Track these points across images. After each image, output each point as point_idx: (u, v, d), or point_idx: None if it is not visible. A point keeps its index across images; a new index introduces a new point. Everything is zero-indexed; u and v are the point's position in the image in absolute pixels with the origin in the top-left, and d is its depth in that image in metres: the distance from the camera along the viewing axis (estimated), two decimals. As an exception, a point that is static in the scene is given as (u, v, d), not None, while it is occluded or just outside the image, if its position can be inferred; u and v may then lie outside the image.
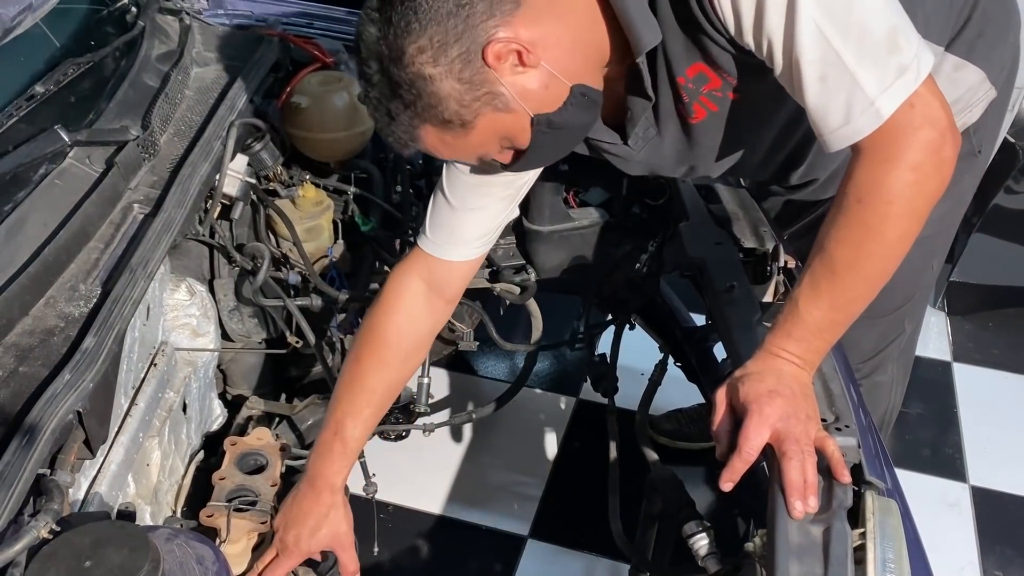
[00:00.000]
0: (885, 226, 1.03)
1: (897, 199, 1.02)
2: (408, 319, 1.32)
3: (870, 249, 1.05)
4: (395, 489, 2.17)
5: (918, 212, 1.04)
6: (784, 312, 1.12)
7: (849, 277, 1.07)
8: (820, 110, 1.02)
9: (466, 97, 1.01)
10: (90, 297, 1.11)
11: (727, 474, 1.06)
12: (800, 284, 1.11)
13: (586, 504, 2.10)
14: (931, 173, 1.02)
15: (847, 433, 1.12)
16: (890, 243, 1.05)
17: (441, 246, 1.29)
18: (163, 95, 1.46)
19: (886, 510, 1.06)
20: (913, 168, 1.01)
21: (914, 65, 1.00)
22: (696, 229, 1.58)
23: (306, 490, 1.31)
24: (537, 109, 1.04)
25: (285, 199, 1.70)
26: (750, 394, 1.08)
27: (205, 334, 1.57)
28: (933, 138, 1.01)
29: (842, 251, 1.06)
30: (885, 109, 0.99)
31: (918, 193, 1.02)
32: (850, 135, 1.02)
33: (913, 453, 2.36)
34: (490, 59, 0.99)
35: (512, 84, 1.01)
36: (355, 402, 1.32)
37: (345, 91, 1.72)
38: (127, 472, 1.29)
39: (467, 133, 1.04)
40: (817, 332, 1.10)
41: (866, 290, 1.08)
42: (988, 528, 2.16)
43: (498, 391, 2.11)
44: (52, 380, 0.96)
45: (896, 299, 1.61)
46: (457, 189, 1.26)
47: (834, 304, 1.08)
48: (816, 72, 1.00)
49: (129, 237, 1.22)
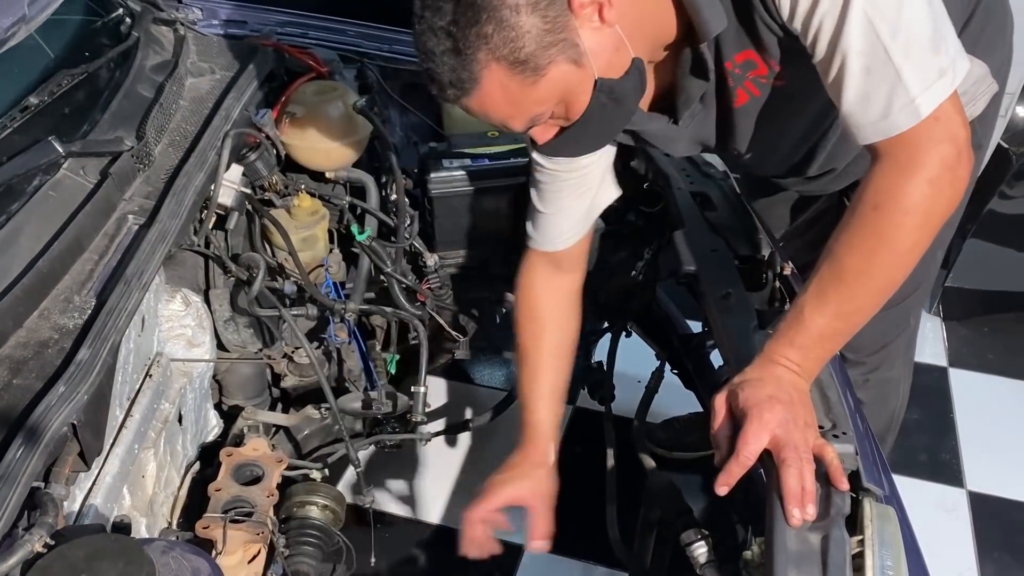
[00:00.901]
0: (898, 236, 1.04)
1: (913, 209, 1.03)
2: (546, 293, 1.47)
3: (882, 258, 1.05)
4: (391, 498, 2.16)
5: (931, 225, 1.05)
6: (787, 318, 1.12)
7: (857, 285, 1.07)
8: (860, 101, 1.03)
9: (546, 38, 0.98)
10: (84, 308, 1.10)
11: (723, 478, 1.06)
12: (806, 290, 1.11)
13: (584, 512, 2.08)
14: (946, 188, 1.03)
15: (844, 440, 1.12)
16: (901, 253, 1.05)
17: (549, 243, 1.42)
18: (158, 105, 1.46)
19: (884, 517, 1.06)
20: (930, 181, 1.02)
21: (951, 69, 1.02)
22: (692, 236, 1.58)
23: (518, 453, 1.49)
24: (602, 72, 1.04)
25: (280, 209, 1.70)
26: (750, 400, 1.08)
27: (201, 344, 1.57)
28: (951, 154, 1.02)
29: (853, 258, 1.06)
30: (924, 108, 1.01)
31: (933, 206, 1.04)
32: (887, 129, 1.03)
33: (910, 459, 2.36)
34: (575, 4, 0.98)
35: (588, 38, 1.01)
36: (538, 385, 1.47)
37: (340, 100, 1.72)
38: (122, 484, 1.28)
39: (535, 82, 1.00)
40: (819, 340, 1.10)
41: (872, 300, 1.09)
42: (986, 533, 2.16)
43: (495, 399, 2.10)
44: (46, 392, 0.95)
45: (905, 288, 1.62)
46: (543, 198, 1.39)
47: (839, 312, 1.09)
48: (862, 63, 1.01)
49: (124, 248, 1.21)
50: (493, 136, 1.86)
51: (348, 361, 1.89)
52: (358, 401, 1.78)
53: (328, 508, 1.57)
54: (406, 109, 2.06)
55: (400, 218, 1.76)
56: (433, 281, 1.82)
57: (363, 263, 1.75)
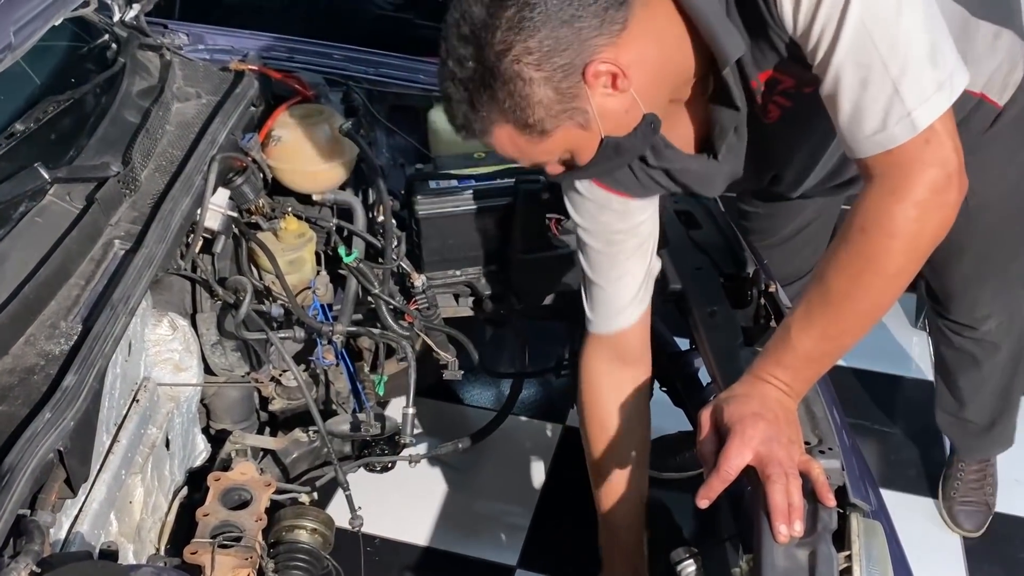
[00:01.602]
0: (885, 259, 1.04)
1: (899, 233, 1.03)
2: (614, 396, 1.46)
3: (868, 281, 1.06)
4: (381, 521, 2.15)
5: (918, 250, 1.05)
6: (775, 338, 1.13)
7: (844, 307, 1.07)
8: (856, 114, 1.03)
9: (555, 107, 1.02)
10: (71, 335, 1.10)
11: (704, 491, 1.06)
12: (794, 311, 1.12)
13: (575, 532, 2.08)
14: (933, 213, 1.03)
15: (831, 456, 1.13)
16: (888, 277, 1.05)
17: (609, 321, 1.40)
18: (144, 131, 1.46)
19: (871, 532, 1.06)
20: (917, 204, 1.02)
21: (948, 83, 1.01)
22: (677, 255, 1.59)
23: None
24: (610, 131, 1.07)
25: (267, 232, 1.71)
26: (734, 415, 1.08)
27: (188, 368, 1.56)
28: (939, 178, 1.02)
29: (840, 280, 1.07)
30: (921, 121, 1.00)
31: (920, 230, 1.04)
32: (884, 142, 1.02)
33: (899, 473, 2.37)
34: (588, 76, 1.01)
35: (599, 105, 1.03)
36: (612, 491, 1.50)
37: (326, 124, 1.73)
38: (109, 510, 1.27)
39: (541, 141, 1.05)
40: (807, 361, 1.11)
41: (858, 323, 1.09)
42: (976, 546, 2.16)
43: (484, 419, 2.10)
44: (32, 419, 0.95)
45: None
46: (598, 268, 1.37)
47: (826, 334, 1.09)
48: (859, 76, 1.01)
49: (110, 273, 1.21)
50: (479, 157, 1.87)
51: (336, 383, 1.89)
52: (346, 423, 1.78)
53: (317, 532, 1.56)
54: (392, 131, 2.07)
55: (387, 239, 1.76)
56: (421, 301, 1.82)
57: (350, 285, 1.76)
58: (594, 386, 1.47)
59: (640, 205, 1.34)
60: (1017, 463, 2.32)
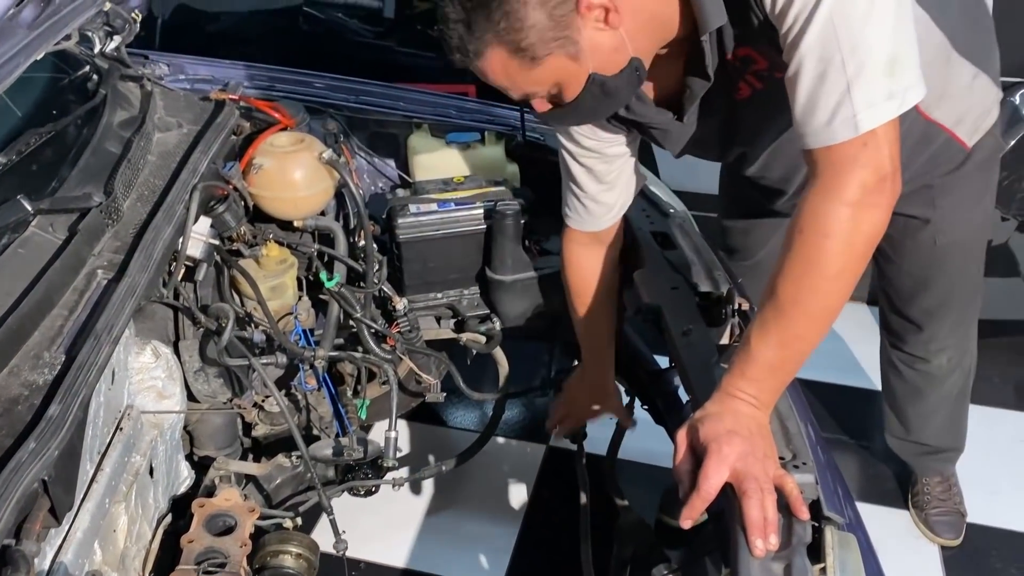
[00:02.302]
0: (823, 260, 1.08)
1: (833, 233, 1.07)
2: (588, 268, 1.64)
3: (811, 283, 1.09)
4: (366, 545, 2.15)
5: (855, 250, 1.08)
6: (738, 353, 1.16)
7: (794, 313, 1.10)
8: (809, 104, 1.07)
9: (548, 33, 1.07)
10: (54, 365, 1.11)
11: (686, 512, 1.09)
12: (752, 324, 1.15)
13: (559, 552, 2.10)
14: (864, 213, 1.07)
15: (804, 470, 1.15)
16: (829, 278, 1.08)
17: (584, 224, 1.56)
18: (126, 161, 1.48)
19: (845, 544, 1.08)
20: (849, 204, 1.06)
21: (901, 94, 1.06)
22: (653, 275, 1.62)
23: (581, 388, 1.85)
24: (597, 68, 1.11)
25: (249, 258, 1.72)
26: (709, 434, 1.11)
27: (171, 396, 1.57)
28: (871, 180, 1.06)
29: (785, 287, 1.10)
30: (864, 124, 1.05)
31: (853, 230, 1.07)
32: (827, 138, 1.07)
33: (876, 486, 2.40)
34: (582, 7, 1.06)
35: (589, 38, 1.09)
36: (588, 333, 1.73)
37: (307, 151, 1.75)
38: (93, 539, 1.27)
39: (532, 68, 1.10)
40: (769, 371, 1.13)
41: (811, 327, 1.12)
42: (954, 556, 2.20)
43: (467, 441, 2.11)
44: (17, 449, 0.96)
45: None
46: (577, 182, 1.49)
47: (782, 341, 1.12)
48: (819, 69, 1.05)
49: (93, 303, 1.22)
50: (459, 181, 1.90)
51: (318, 408, 1.90)
52: (329, 448, 1.79)
53: (302, 557, 1.57)
54: (372, 157, 2.10)
55: (368, 264, 1.78)
56: (403, 325, 1.84)
57: (332, 309, 1.77)
58: (572, 263, 1.64)
59: (610, 139, 1.43)
60: (992, 475, 2.36)
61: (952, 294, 1.87)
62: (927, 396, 2.07)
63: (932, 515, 2.23)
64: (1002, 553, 2.20)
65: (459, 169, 1.97)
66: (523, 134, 2.00)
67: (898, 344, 2.02)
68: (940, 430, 2.15)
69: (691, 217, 1.82)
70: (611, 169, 1.48)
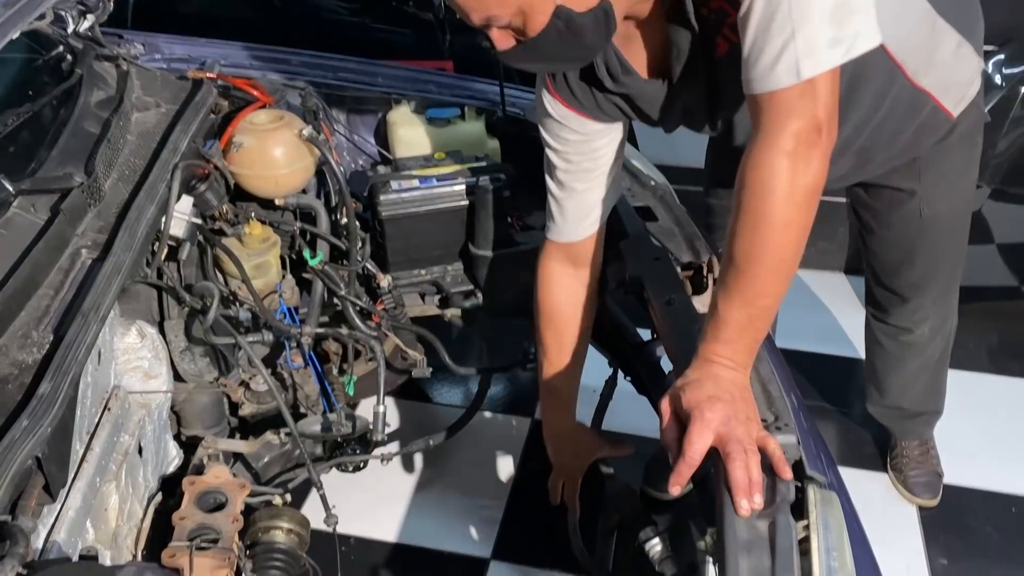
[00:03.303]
0: (768, 212, 1.09)
1: (772, 183, 1.08)
2: (564, 291, 1.57)
3: (761, 236, 1.10)
4: (355, 521, 2.17)
5: (796, 200, 1.09)
6: (709, 317, 1.18)
7: (750, 270, 1.12)
8: (755, 49, 1.08)
9: None
10: (43, 344, 1.11)
11: (674, 478, 1.11)
12: (716, 288, 1.17)
13: (546, 522, 2.12)
14: (800, 164, 1.08)
15: (787, 432, 1.17)
16: (777, 229, 1.10)
17: (564, 233, 1.50)
18: (105, 141, 1.47)
19: (827, 502, 1.11)
20: (785, 154, 1.07)
21: (846, 42, 1.06)
22: (635, 246, 1.64)
23: (553, 442, 1.76)
24: (565, 1, 1.09)
25: (232, 237, 1.72)
26: (692, 401, 1.12)
27: (157, 376, 1.58)
28: (805, 130, 1.07)
29: (739, 244, 1.12)
30: (805, 71, 1.05)
31: (792, 179, 1.08)
32: (769, 84, 1.08)
33: (856, 451, 2.45)
34: None
35: None
36: (553, 367, 1.63)
37: (286, 128, 1.75)
38: (85, 518, 1.28)
39: None
40: (739, 331, 1.15)
41: (769, 281, 1.13)
42: (931, 517, 2.25)
43: (453, 417, 2.13)
44: (10, 427, 0.96)
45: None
46: (559, 184, 1.45)
47: (745, 300, 1.14)
48: (767, 12, 1.06)
49: (79, 282, 1.22)
50: (440, 158, 1.90)
51: (305, 387, 1.91)
52: (318, 424, 1.80)
53: (293, 532, 1.58)
54: (352, 134, 2.09)
55: (351, 241, 1.78)
56: (387, 302, 1.85)
57: (316, 287, 1.78)
58: (547, 283, 1.58)
59: (599, 130, 1.40)
60: (968, 438, 2.41)
61: (937, 266, 1.89)
62: (908, 364, 2.11)
63: (910, 477, 2.28)
64: (978, 513, 2.25)
65: (440, 145, 1.97)
66: (503, 109, 2.00)
67: (882, 316, 2.05)
68: (920, 395, 2.19)
69: (672, 189, 1.84)
70: (595, 167, 1.45)
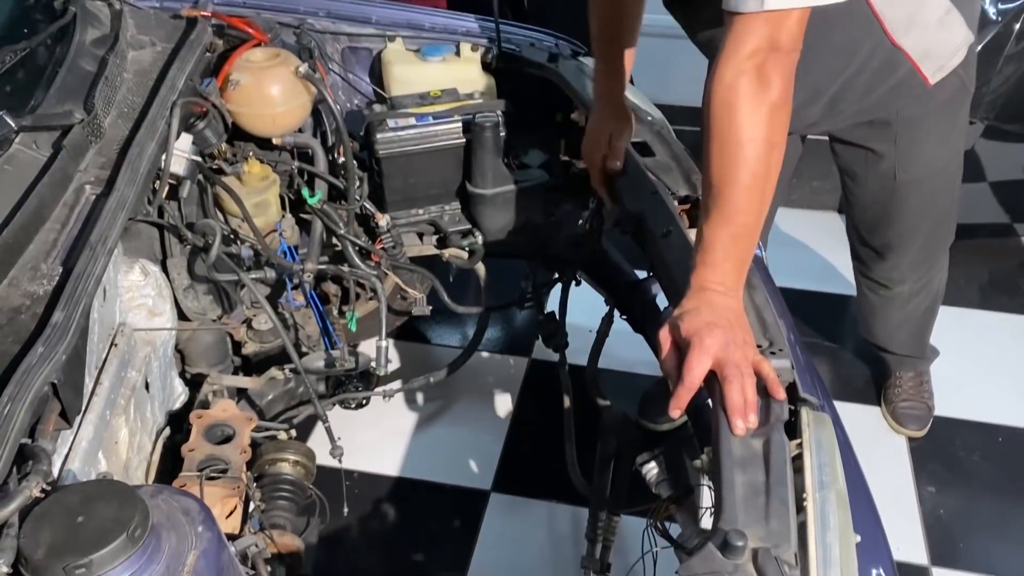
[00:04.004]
0: (731, 128, 1.12)
1: (733, 100, 1.12)
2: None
3: (730, 155, 1.13)
4: (359, 457, 2.22)
5: (758, 116, 1.12)
6: (696, 246, 1.21)
7: (726, 189, 1.15)
8: None
9: None
10: (52, 276, 1.13)
11: (674, 403, 1.14)
12: (700, 214, 1.21)
13: (544, 455, 2.17)
14: (759, 79, 1.11)
15: (781, 356, 1.21)
16: (743, 145, 1.13)
17: None
18: (103, 79, 1.47)
19: (820, 422, 1.14)
20: (744, 72, 1.11)
21: None
22: (632, 182, 1.65)
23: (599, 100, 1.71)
24: None
25: (231, 176, 1.73)
26: (690, 329, 1.15)
27: (161, 313, 1.60)
28: (763, 50, 1.11)
29: (712, 166, 1.16)
30: (770, 3, 1.09)
31: (751, 95, 1.11)
32: (736, 4, 1.11)
33: (848, 385, 2.50)
34: None
35: None
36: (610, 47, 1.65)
37: (283, 66, 1.75)
38: (97, 449, 1.31)
39: None
40: (724, 253, 1.18)
41: (744, 198, 1.16)
42: (919, 446, 2.31)
43: (452, 358, 2.16)
44: (26, 354, 0.99)
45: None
46: None
47: (724, 218, 1.17)
48: None
49: (84, 217, 1.23)
50: (435, 95, 1.90)
51: (306, 327, 1.93)
52: (321, 360, 1.83)
53: (299, 463, 1.62)
54: (347, 72, 2.08)
55: (349, 180, 1.79)
56: (386, 241, 1.86)
57: (316, 226, 1.79)
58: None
59: None
60: (957, 371, 2.46)
61: (915, 230, 1.93)
62: (891, 315, 2.18)
63: (900, 407, 2.34)
64: (966, 442, 2.32)
65: (435, 83, 1.96)
66: (499, 46, 1.99)
67: (862, 270, 2.12)
68: (904, 342, 2.27)
69: (669, 125, 1.85)
70: None
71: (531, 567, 2.06)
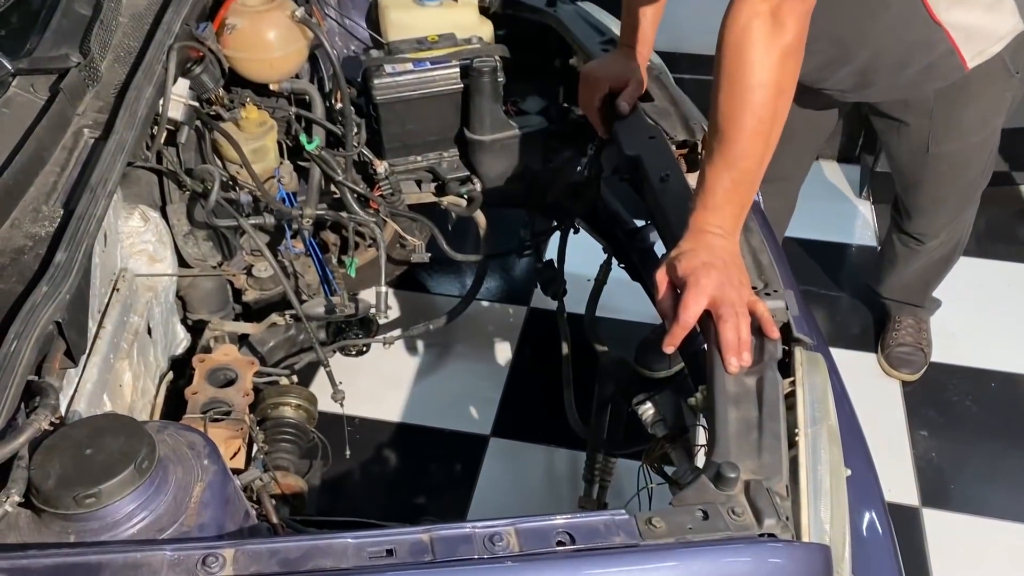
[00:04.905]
0: (743, 71, 1.13)
1: (746, 42, 1.12)
2: None
3: (740, 97, 1.14)
4: (360, 403, 2.25)
5: (770, 60, 1.13)
6: (698, 188, 1.22)
7: (731, 132, 1.16)
8: None
9: None
10: (54, 217, 1.14)
11: (668, 339, 1.16)
12: (703, 156, 1.21)
13: (543, 401, 2.21)
14: (774, 22, 1.12)
15: (776, 297, 1.22)
16: (752, 88, 1.13)
17: None
18: (98, 22, 1.46)
19: (813, 362, 1.16)
20: (759, 14, 1.11)
21: None
22: (630, 127, 1.65)
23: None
24: None
25: (228, 122, 1.72)
26: (686, 269, 1.17)
27: (162, 259, 1.61)
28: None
29: (719, 108, 1.16)
30: None
31: (765, 38, 1.12)
32: None
33: (844, 332, 2.52)
34: None
35: None
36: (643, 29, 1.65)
37: (279, 10, 1.73)
38: (102, 392, 1.33)
39: None
40: (725, 196, 1.19)
41: (750, 143, 1.16)
42: (913, 392, 2.34)
43: (452, 306, 2.18)
44: (30, 293, 1.00)
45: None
46: None
47: (727, 162, 1.17)
48: None
49: (84, 160, 1.24)
50: (433, 40, 1.88)
51: (305, 275, 1.95)
52: (321, 306, 1.84)
53: (301, 407, 1.64)
54: (344, 18, 2.06)
55: (347, 127, 1.79)
56: (384, 188, 1.86)
57: (314, 173, 1.79)
58: None
59: None
60: (952, 317, 2.49)
61: (946, 196, 1.95)
62: (912, 264, 2.20)
63: (896, 352, 2.36)
64: (958, 387, 2.35)
65: (432, 28, 1.94)
66: (496, -10, 1.98)
67: (899, 221, 2.15)
68: (913, 292, 2.31)
69: (667, 69, 1.84)
70: None
71: (529, 509, 2.10)
